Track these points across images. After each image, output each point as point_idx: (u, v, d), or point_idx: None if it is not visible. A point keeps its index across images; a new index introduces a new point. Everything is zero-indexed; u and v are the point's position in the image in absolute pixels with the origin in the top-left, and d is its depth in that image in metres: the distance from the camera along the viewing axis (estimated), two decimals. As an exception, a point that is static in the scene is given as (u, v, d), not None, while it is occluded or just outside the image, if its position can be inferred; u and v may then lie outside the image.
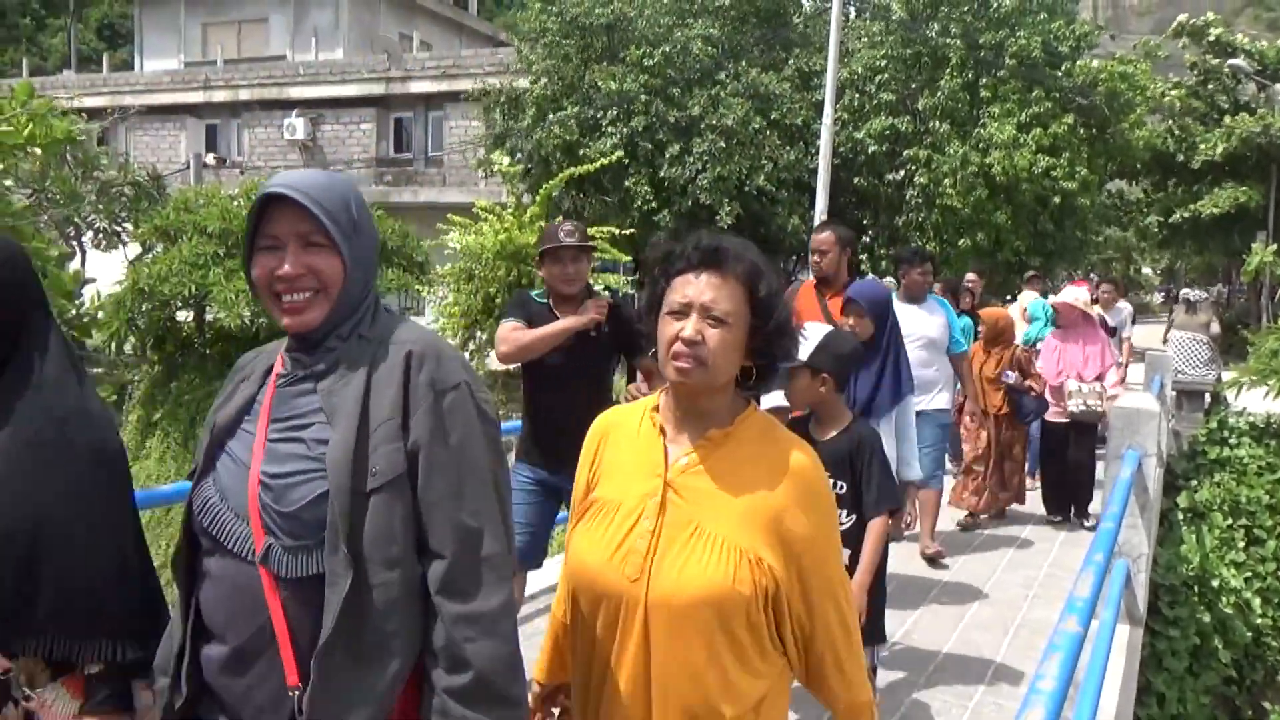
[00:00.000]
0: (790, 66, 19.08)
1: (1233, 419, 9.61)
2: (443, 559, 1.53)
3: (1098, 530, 3.34)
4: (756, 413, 1.75)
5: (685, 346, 1.64)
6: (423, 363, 1.58)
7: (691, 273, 1.69)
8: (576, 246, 3.90)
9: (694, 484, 1.68)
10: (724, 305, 1.66)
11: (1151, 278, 54.88)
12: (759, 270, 1.70)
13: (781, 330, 1.71)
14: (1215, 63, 25.93)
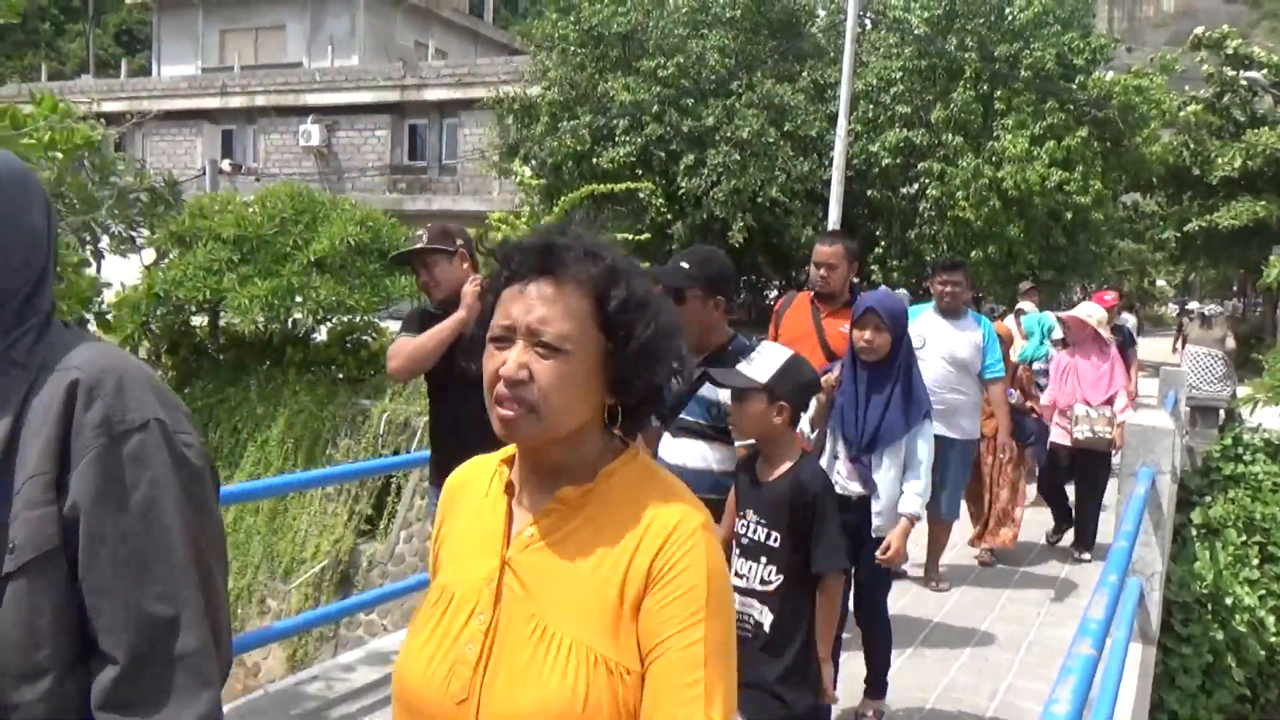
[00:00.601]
0: (804, 78, 19.09)
1: (1247, 435, 9.55)
2: (115, 664, 1.14)
3: (1111, 549, 3.33)
4: (636, 460, 1.33)
5: (507, 388, 1.22)
6: (93, 396, 1.18)
7: (519, 283, 1.26)
8: (425, 250, 3.65)
9: (539, 563, 1.27)
10: (558, 326, 1.22)
11: (1166, 290, 54.62)
12: (612, 273, 1.26)
13: (648, 353, 1.26)
14: (1232, 75, 25.82)
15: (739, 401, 2.83)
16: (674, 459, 3.19)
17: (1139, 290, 44.37)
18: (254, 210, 13.54)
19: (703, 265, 3.17)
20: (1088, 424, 6.56)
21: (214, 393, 12.75)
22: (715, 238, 17.91)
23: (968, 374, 5.56)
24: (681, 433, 3.22)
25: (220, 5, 32.03)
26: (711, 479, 3.17)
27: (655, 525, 1.24)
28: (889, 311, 3.68)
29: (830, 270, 4.45)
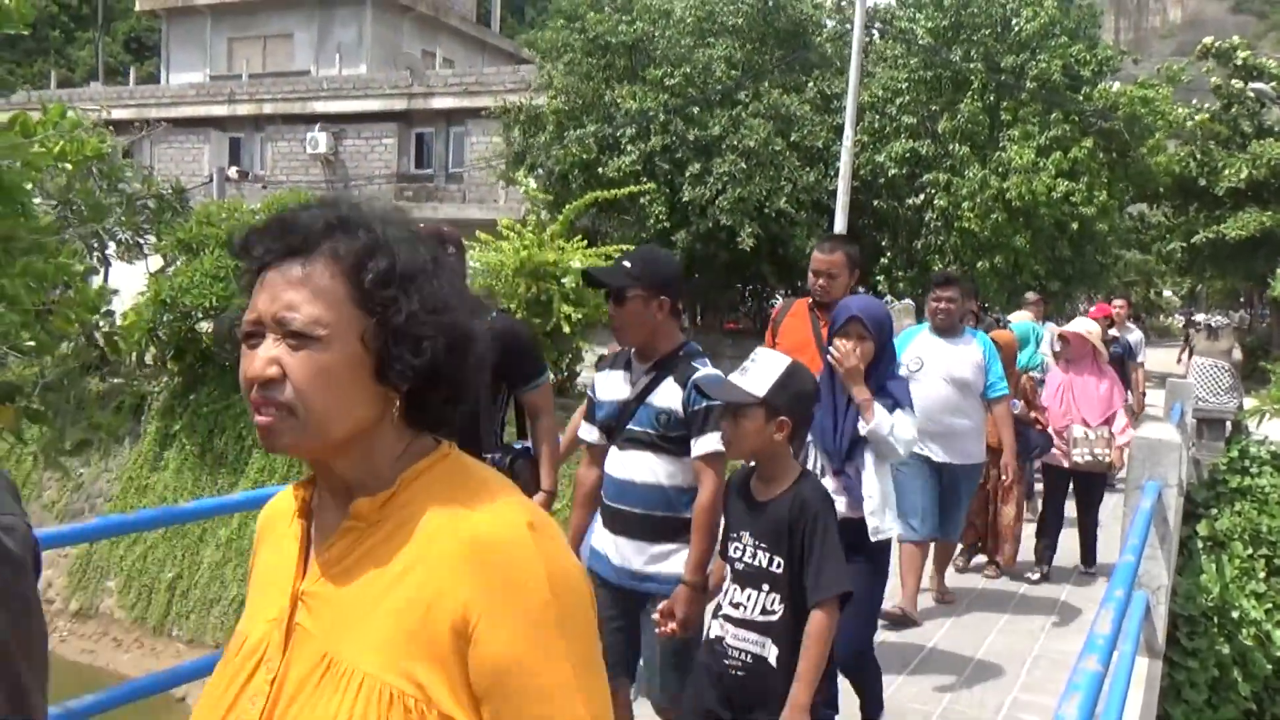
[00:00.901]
0: (811, 88, 19.12)
1: (1254, 448, 9.52)
2: None
3: (1118, 563, 3.32)
4: (447, 459, 1.15)
5: (259, 391, 1.05)
6: None
7: (268, 270, 1.09)
8: None
9: (335, 593, 1.09)
10: (307, 310, 1.05)
11: (1173, 300, 54.55)
12: (371, 244, 1.09)
13: (415, 330, 1.08)
14: (1240, 86, 25.81)
15: (734, 417, 2.59)
16: (620, 473, 3.04)
17: (1145, 301, 44.30)
18: (260, 217, 13.58)
19: (645, 264, 3.00)
20: (1086, 446, 6.29)
21: (219, 399, 12.79)
22: (721, 246, 17.94)
23: (970, 395, 5.28)
24: (629, 444, 3.04)
25: (229, 13, 32.16)
26: (661, 495, 2.99)
27: (471, 533, 1.05)
28: (873, 318, 3.52)
29: (830, 279, 4.22)
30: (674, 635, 2.82)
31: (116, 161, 14.71)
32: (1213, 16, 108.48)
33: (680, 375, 2.97)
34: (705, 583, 2.87)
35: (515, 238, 13.10)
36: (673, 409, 2.94)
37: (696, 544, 2.86)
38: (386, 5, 30.89)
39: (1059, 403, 6.49)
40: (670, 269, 3.06)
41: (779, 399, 2.55)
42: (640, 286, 2.94)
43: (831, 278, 4.22)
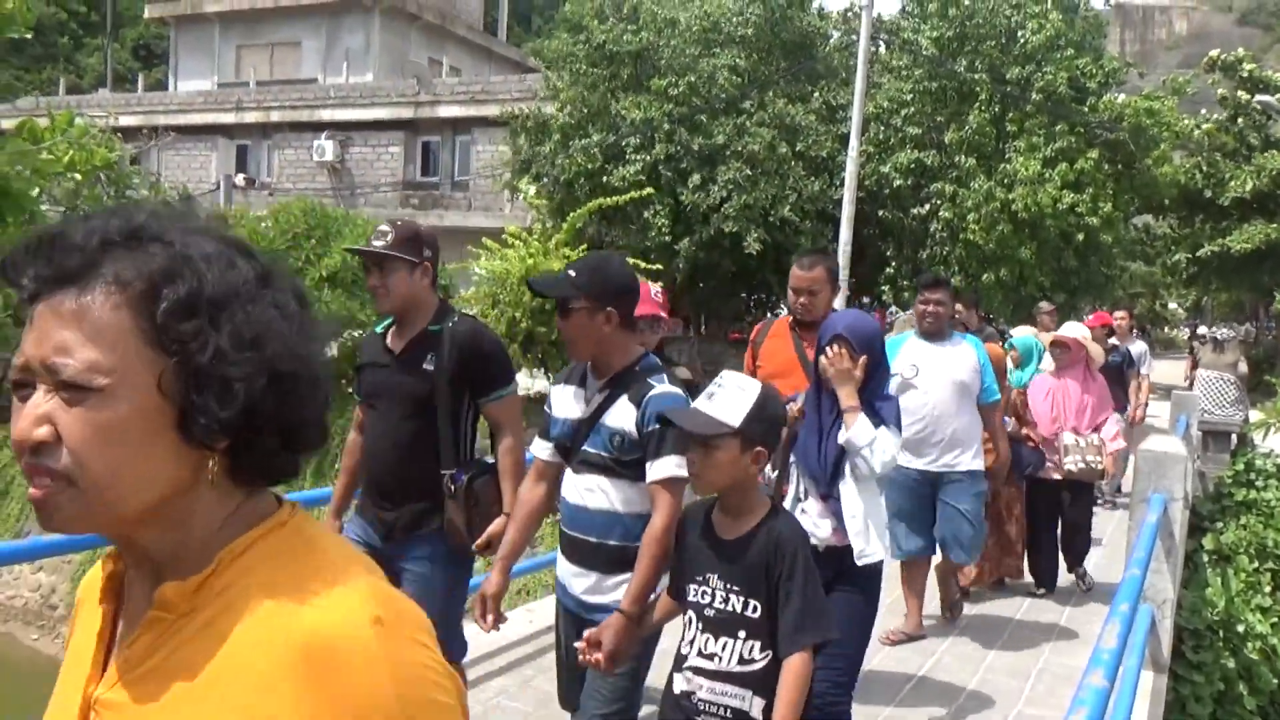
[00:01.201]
0: (816, 99, 19.15)
1: (1260, 461, 9.50)
2: None
3: (1124, 577, 3.30)
4: (283, 528, 0.93)
5: (30, 459, 0.84)
6: None
7: (39, 302, 0.87)
8: (384, 255, 3.14)
9: (128, 706, 0.88)
10: (83, 355, 0.84)
11: (1178, 313, 54.45)
12: (169, 264, 0.87)
13: (221, 368, 0.86)
14: (1246, 98, 25.82)
15: (705, 447, 2.35)
16: (575, 498, 2.86)
17: (1151, 313, 44.23)
18: (267, 225, 13.64)
19: (592, 273, 2.78)
20: (1078, 454, 6.04)
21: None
22: (724, 254, 17.95)
23: (969, 398, 5.08)
24: (583, 467, 2.84)
25: (237, 21, 32.30)
26: (618, 523, 2.79)
27: (301, 635, 0.84)
28: (861, 336, 3.30)
29: (811, 297, 4.00)
30: (596, 666, 2.59)
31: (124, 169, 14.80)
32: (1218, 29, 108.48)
33: (635, 393, 2.76)
34: (641, 615, 2.64)
35: (520, 245, 13.13)
36: (626, 430, 2.74)
37: (640, 572, 2.62)
38: (394, 14, 31.01)
39: (1049, 409, 6.26)
40: (619, 278, 2.83)
41: (755, 428, 2.33)
42: (585, 297, 2.74)
43: (813, 294, 4.00)
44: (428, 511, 3.23)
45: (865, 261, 18.87)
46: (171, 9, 34.44)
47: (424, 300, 3.24)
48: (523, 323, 12.70)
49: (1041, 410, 6.27)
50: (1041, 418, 6.24)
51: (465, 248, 13.71)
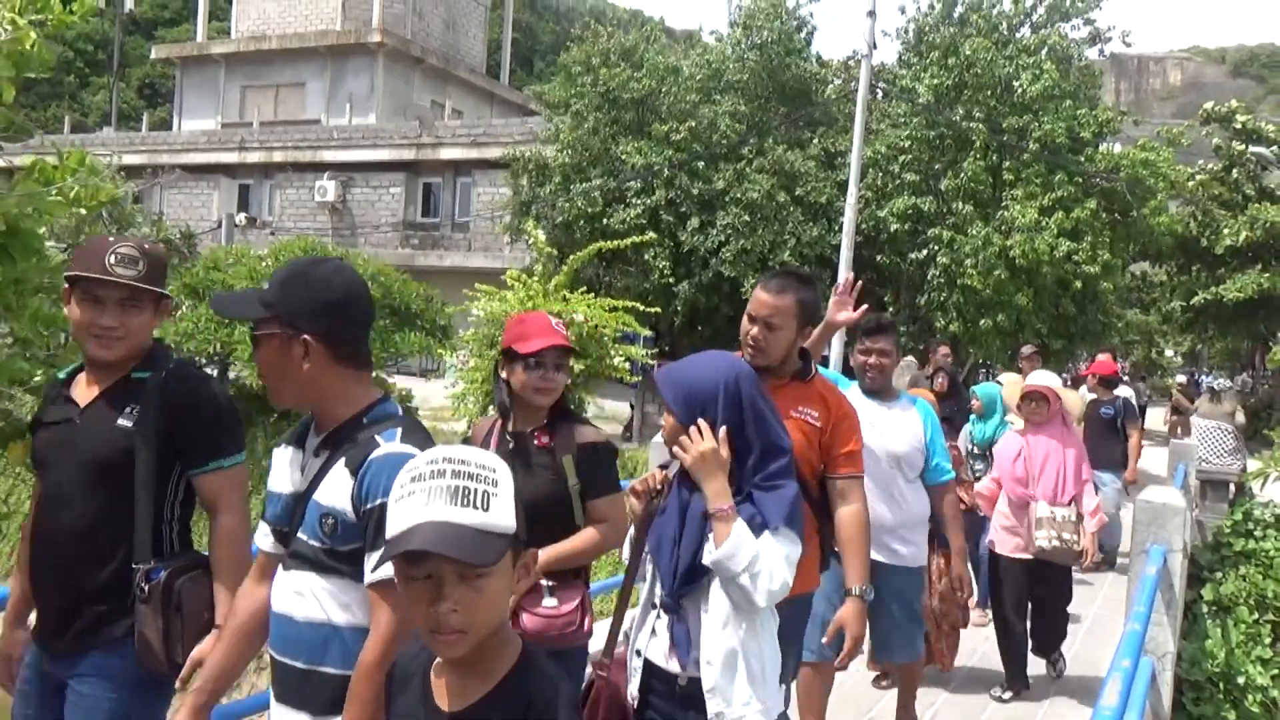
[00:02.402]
0: (815, 145, 19.34)
1: (1258, 510, 9.48)
2: None
3: (1125, 631, 3.29)
4: None
5: None
6: None
7: None
8: (132, 287, 2.40)
9: None
10: None
11: (1174, 360, 54.59)
12: None
13: None
14: (1241, 149, 26.12)
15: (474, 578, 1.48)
16: (280, 605, 2.03)
17: (1147, 360, 44.33)
18: (267, 264, 13.68)
19: (285, 289, 2.01)
20: (1052, 529, 5.04)
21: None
22: (723, 299, 18.02)
23: (909, 476, 4.14)
24: (293, 561, 2.03)
25: (243, 63, 32.67)
26: (333, 638, 1.96)
27: None
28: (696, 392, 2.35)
29: (768, 330, 3.01)
30: None
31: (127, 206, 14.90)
32: (1212, 80, 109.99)
33: (353, 457, 1.95)
34: None
35: (520, 287, 13.18)
36: (339, 509, 1.93)
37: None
38: (398, 57, 31.38)
39: (1016, 473, 5.31)
40: (326, 292, 2.01)
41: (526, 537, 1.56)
42: (276, 319, 2.00)
43: (771, 328, 3.01)
44: (108, 616, 2.38)
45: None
46: (178, 50, 34.87)
47: (145, 342, 2.51)
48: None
49: (1007, 475, 5.36)
50: (1008, 484, 5.34)
51: (465, 289, 13.76)
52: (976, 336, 17.64)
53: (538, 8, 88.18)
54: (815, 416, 3.10)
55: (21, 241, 3.27)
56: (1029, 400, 5.38)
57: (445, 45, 34.34)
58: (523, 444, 2.95)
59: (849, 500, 3.09)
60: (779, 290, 3.10)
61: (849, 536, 3.06)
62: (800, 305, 3.10)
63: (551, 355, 2.96)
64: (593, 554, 2.93)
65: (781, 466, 2.33)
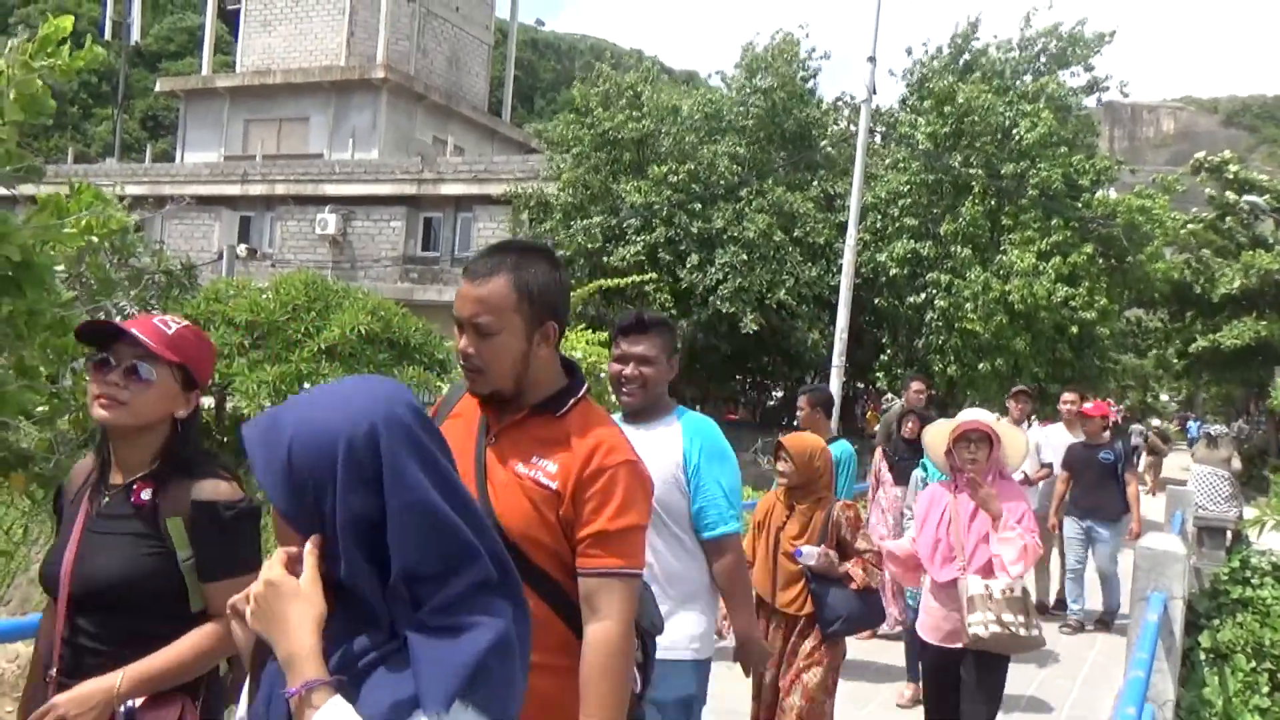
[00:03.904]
0: (815, 187, 19.50)
1: (1255, 558, 9.45)
2: None
3: (1127, 679, 3.29)
4: None
5: None
6: None
7: None
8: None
9: None
10: None
11: (1168, 405, 54.70)
12: None
13: None
14: (1234, 198, 26.38)
15: None
16: None
17: (1142, 404, 44.43)
18: (268, 296, 13.70)
19: None
20: (990, 609, 3.89)
21: (216, 476, 12.70)
22: (721, 337, 18.08)
23: (672, 526, 2.95)
24: None
25: (247, 96, 32.92)
26: None
27: None
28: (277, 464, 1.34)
29: (480, 338, 2.01)
30: None
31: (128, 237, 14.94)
32: (1205, 129, 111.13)
33: None
34: None
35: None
36: None
37: None
38: (401, 93, 31.65)
39: (935, 537, 4.18)
40: None
41: None
42: None
43: (482, 333, 2.01)
44: None
45: (862, 348, 19.01)
46: (183, 83, 35.14)
47: None
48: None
49: (924, 540, 4.24)
50: (924, 551, 4.22)
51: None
52: (974, 380, 17.69)
53: (539, 46, 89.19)
54: (551, 473, 2.00)
55: (34, 274, 3.30)
56: (965, 442, 4.13)
57: (448, 82, 34.65)
58: (115, 501, 2.11)
59: (597, 613, 1.95)
60: (488, 272, 2.02)
61: (586, 678, 1.93)
62: (523, 290, 2.01)
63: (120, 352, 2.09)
64: (207, 664, 2.07)
65: (468, 586, 1.29)
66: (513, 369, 2.03)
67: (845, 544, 4.05)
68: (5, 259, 3.09)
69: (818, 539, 4.00)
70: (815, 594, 3.94)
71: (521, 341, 2.03)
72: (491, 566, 1.34)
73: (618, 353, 3.05)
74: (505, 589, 1.35)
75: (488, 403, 2.09)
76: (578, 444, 2.02)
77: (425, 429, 1.36)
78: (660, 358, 3.01)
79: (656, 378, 2.99)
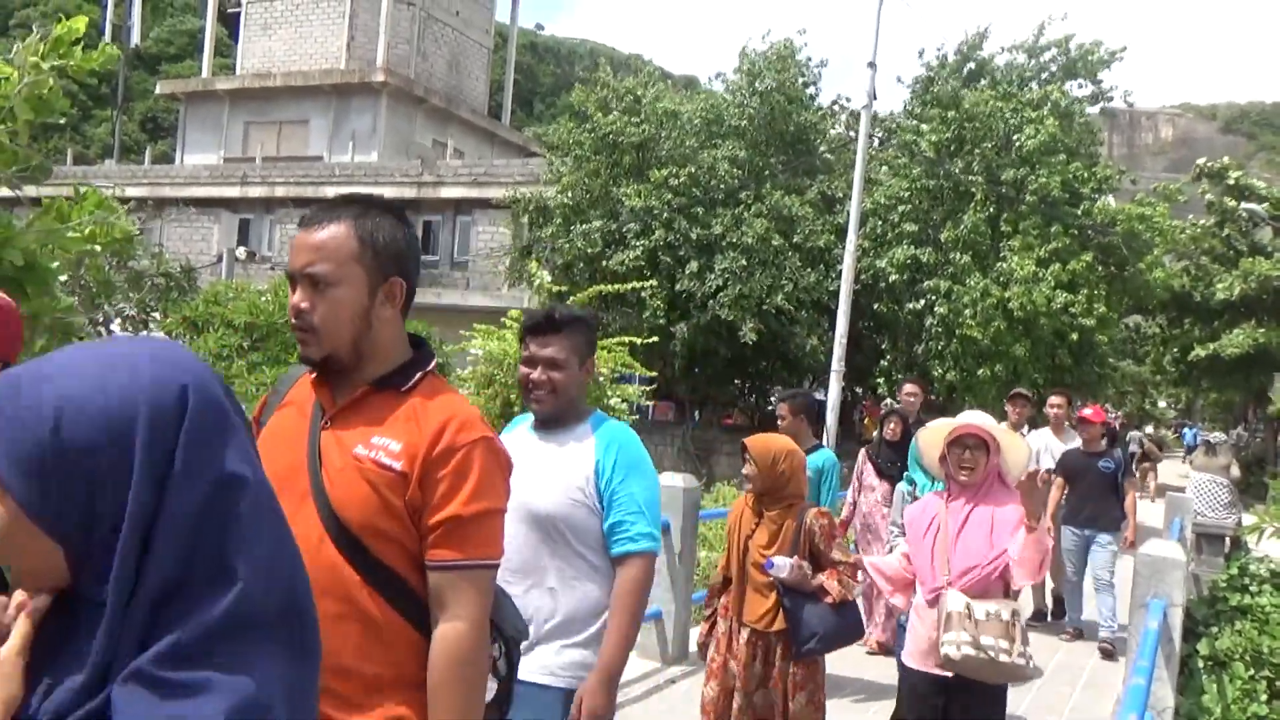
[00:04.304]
0: (814, 191, 19.51)
1: (1253, 565, 9.45)
2: None
3: (1128, 686, 3.29)
4: None
5: None
6: None
7: None
8: None
9: None
10: None
11: (1167, 411, 54.73)
12: None
13: None
14: (1233, 204, 26.44)
15: None
16: None
17: (1140, 410, 44.45)
18: (267, 299, 13.71)
19: None
20: (964, 629, 3.50)
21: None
22: (720, 341, 18.08)
23: (575, 544, 2.65)
24: None
25: (247, 99, 32.95)
26: None
27: None
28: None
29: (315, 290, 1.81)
30: None
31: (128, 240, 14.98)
32: (1203, 136, 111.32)
33: None
34: None
35: (519, 328, 13.23)
36: None
37: None
38: (401, 97, 31.69)
39: (925, 552, 3.80)
40: None
41: None
42: None
43: (319, 285, 1.81)
44: None
45: (861, 353, 19.02)
46: (183, 85, 35.18)
47: None
48: (516, 404, 12.72)
49: (917, 552, 3.86)
50: (920, 565, 3.84)
51: (461, 329, 13.79)
52: (973, 386, 17.69)
53: (538, 50, 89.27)
54: (395, 453, 1.75)
55: (37, 276, 3.29)
56: (960, 448, 3.76)
57: (448, 86, 34.69)
58: None
59: (446, 611, 1.73)
60: (327, 219, 1.82)
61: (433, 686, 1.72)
62: (366, 239, 1.80)
63: None
64: None
65: (228, 619, 0.96)
66: (351, 328, 1.78)
67: (819, 554, 3.76)
68: (9, 263, 3.09)
69: (789, 549, 3.72)
70: (788, 609, 3.67)
71: (362, 296, 1.79)
72: (275, 599, 0.98)
73: (525, 354, 2.74)
74: (285, 635, 0.99)
75: (323, 376, 1.84)
76: (426, 420, 1.77)
77: (235, 408, 1.05)
78: (572, 360, 2.70)
79: (566, 382, 2.69)
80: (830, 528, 3.82)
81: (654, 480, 2.75)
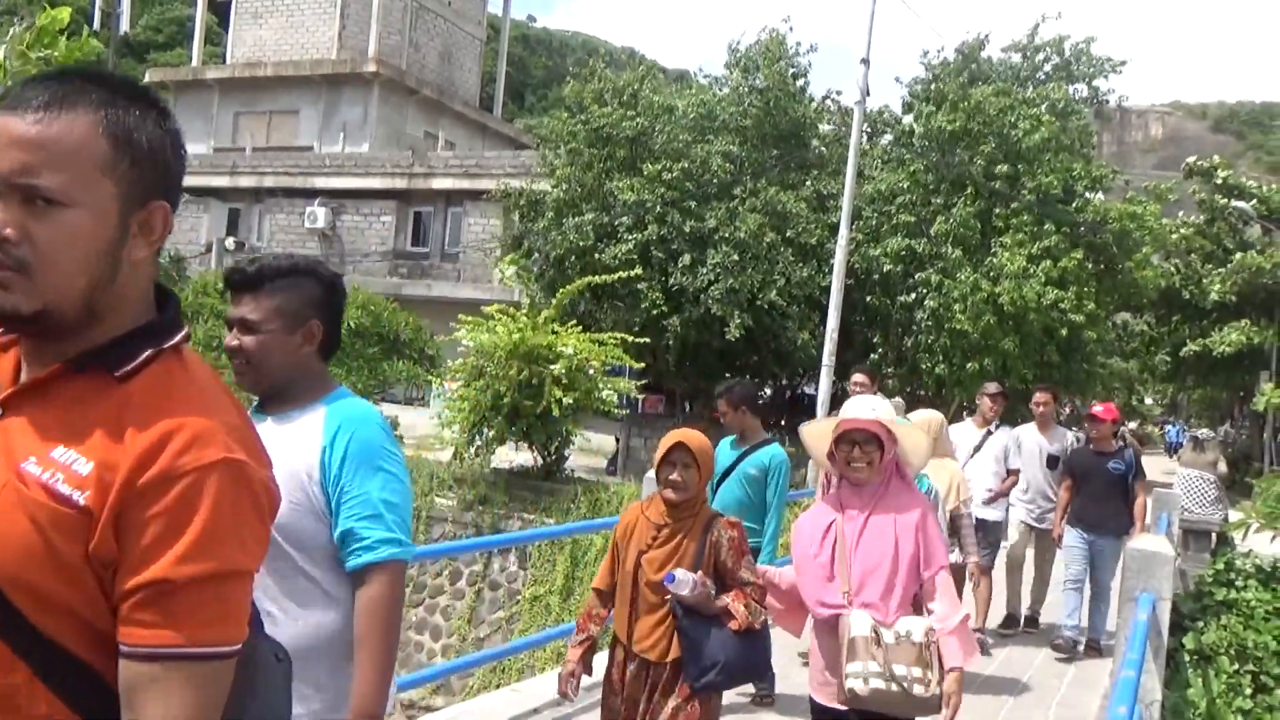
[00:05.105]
0: (807, 187, 19.52)
1: (1239, 561, 9.52)
2: None
3: (1118, 679, 3.31)
4: None
5: None
6: None
7: None
8: None
9: None
10: None
11: (1154, 408, 55.02)
12: None
13: None
14: (1223, 202, 26.57)
15: None
16: None
17: (1126, 407, 44.69)
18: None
19: None
20: (873, 658, 3.04)
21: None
22: (712, 335, 18.09)
23: (298, 555, 2.07)
24: None
25: (237, 88, 32.82)
26: None
27: None
28: None
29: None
30: None
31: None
32: (1193, 134, 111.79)
33: None
34: None
35: (509, 320, 13.20)
36: None
37: None
38: (393, 87, 31.59)
39: (821, 566, 3.27)
40: None
41: None
42: None
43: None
44: None
45: (852, 347, 19.06)
46: (172, 74, 35.02)
47: None
48: (507, 396, 12.71)
49: (814, 570, 3.28)
50: (815, 584, 3.27)
51: (453, 320, 13.79)
52: (962, 380, 17.75)
53: (531, 42, 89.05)
54: (81, 477, 1.12)
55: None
56: (848, 444, 3.26)
57: (440, 77, 34.61)
58: None
59: None
60: (56, 101, 1.14)
61: None
62: (122, 138, 1.18)
63: None
64: None
65: None
66: (86, 274, 1.15)
67: (725, 572, 3.15)
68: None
69: (691, 563, 3.11)
70: (685, 634, 3.09)
71: (108, 227, 1.16)
72: None
73: (226, 316, 2.19)
74: None
75: (17, 340, 1.23)
76: (137, 429, 1.14)
77: None
78: (275, 323, 2.10)
79: (262, 350, 2.09)
80: (740, 541, 3.20)
81: (398, 472, 2.13)
